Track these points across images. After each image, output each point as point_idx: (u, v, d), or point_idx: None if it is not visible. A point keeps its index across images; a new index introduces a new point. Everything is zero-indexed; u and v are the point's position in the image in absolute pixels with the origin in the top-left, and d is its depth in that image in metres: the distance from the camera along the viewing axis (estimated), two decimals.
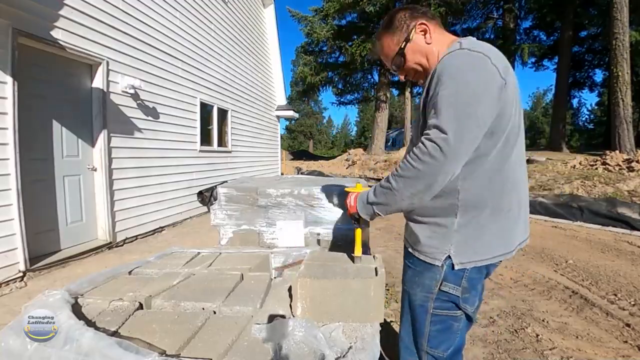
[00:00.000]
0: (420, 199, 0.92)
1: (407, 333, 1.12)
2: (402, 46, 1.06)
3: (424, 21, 1.05)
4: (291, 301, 1.14)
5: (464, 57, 0.91)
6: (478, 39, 1.03)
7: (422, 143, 0.87)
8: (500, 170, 0.95)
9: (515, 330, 2.36)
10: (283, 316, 1.05)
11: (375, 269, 1.17)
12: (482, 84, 0.87)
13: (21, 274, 3.13)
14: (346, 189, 1.19)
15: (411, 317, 1.09)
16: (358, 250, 1.24)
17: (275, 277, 1.43)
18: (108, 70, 4.17)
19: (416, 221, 1.05)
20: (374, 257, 1.31)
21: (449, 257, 0.98)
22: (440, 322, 1.03)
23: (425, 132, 0.89)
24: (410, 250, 1.09)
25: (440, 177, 0.87)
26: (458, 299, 1.01)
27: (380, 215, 1.02)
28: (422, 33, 1.05)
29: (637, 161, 8.54)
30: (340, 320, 1.06)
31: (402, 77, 1.15)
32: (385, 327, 1.97)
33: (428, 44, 1.05)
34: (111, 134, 4.24)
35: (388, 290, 2.35)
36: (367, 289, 1.07)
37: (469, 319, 1.06)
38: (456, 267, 0.98)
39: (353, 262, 1.25)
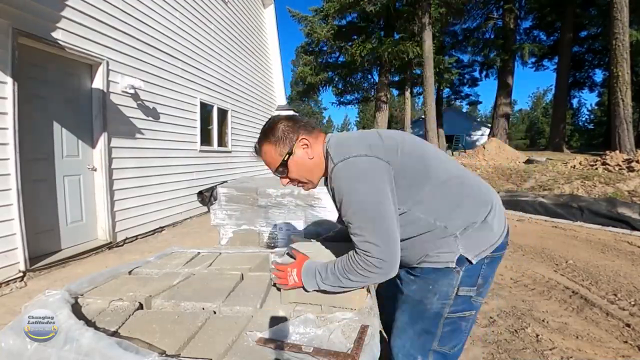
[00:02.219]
0: (365, 284, 1.05)
1: (411, 341, 1.12)
2: (285, 159, 1.10)
3: (305, 137, 1.11)
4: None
5: (342, 172, 1.00)
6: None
7: (364, 257, 0.95)
8: (450, 194, 1.06)
9: (515, 330, 2.36)
10: (284, 317, 1.05)
11: None
12: (373, 185, 0.97)
13: (21, 274, 3.13)
14: (273, 262, 1.21)
15: (422, 325, 1.10)
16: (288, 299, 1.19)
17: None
18: (108, 70, 4.17)
19: (424, 262, 1.09)
20: None
21: (462, 255, 1.03)
22: (451, 323, 1.08)
23: (359, 247, 0.96)
24: (417, 265, 1.10)
25: (389, 275, 0.98)
26: (471, 299, 1.07)
27: (331, 293, 1.07)
28: (304, 147, 1.11)
29: (637, 161, 8.54)
30: (324, 304, 1.07)
31: (284, 183, 1.18)
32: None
33: (310, 158, 1.12)
34: (111, 134, 4.24)
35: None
36: None
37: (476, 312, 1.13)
38: (474, 261, 1.03)
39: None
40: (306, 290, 1.09)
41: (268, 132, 1.13)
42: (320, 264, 1.08)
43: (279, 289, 1.17)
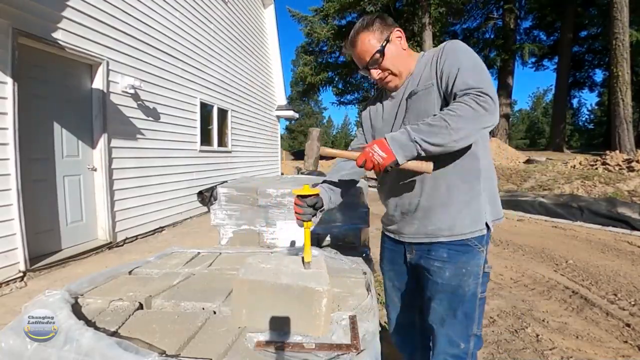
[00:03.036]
0: (468, 141, 0.98)
1: (454, 328, 1.13)
2: (384, 44, 1.13)
3: (399, 29, 1.17)
4: None
5: (463, 43, 1.10)
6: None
7: (479, 94, 0.95)
8: (489, 148, 1.19)
9: (515, 330, 2.36)
10: (284, 317, 1.05)
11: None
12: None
13: (21, 274, 3.13)
14: (301, 189, 1.12)
15: (463, 309, 1.12)
16: (308, 255, 1.10)
17: None
18: (108, 70, 4.17)
19: (452, 204, 1.11)
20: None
21: (486, 223, 1.12)
22: (482, 303, 1.16)
23: (478, 86, 0.96)
24: (443, 239, 1.11)
25: (489, 123, 0.97)
26: (488, 275, 1.16)
27: (423, 154, 0.96)
28: (399, 39, 1.17)
29: (637, 161, 8.54)
30: (283, 330, 0.94)
31: (375, 75, 1.17)
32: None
33: (404, 49, 1.17)
34: (111, 134, 4.24)
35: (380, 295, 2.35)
36: (309, 305, 0.94)
37: None
38: (491, 227, 1.13)
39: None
40: (396, 166, 0.96)
41: (367, 24, 1.15)
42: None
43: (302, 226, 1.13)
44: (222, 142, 7.59)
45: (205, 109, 6.82)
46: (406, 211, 1.18)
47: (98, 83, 4.09)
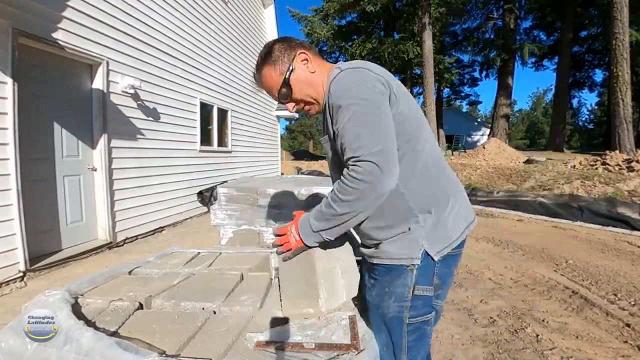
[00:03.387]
0: (367, 214, 0.93)
1: (386, 352, 1.05)
2: (287, 76, 1.03)
3: (303, 50, 1.06)
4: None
5: (348, 76, 0.93)
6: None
7: (356, 165, 0.86)
8: (428, 165, 1.00)
9: (515, 330, 2.36)
10: (285, 317, 1.05)
11: None
12: (375, 94, 0.90)
13: (21, 274, 3.13)
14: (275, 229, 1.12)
15: (388, 333, 1.03)
16: None
17: (275, 277, 1.43)
18: (108, 70, 4.17)
19: (381, 242, 1.03)
20: None
21: (425, 251, 0.97)
22: (415, 330, 1.01)
23: (352, 156, 0.87)
24: (378, 261, 1.03)
25: (382, 191, 0.86)
26: (431, 299, 1.01)
27: (330, 239, 0.97)
28: (304, 62, 1.06)
29: (637, 161, 8.54)
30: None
31: (291, 109, 1.11)
32: None
33: (312, 72, 1.06)
34: (111, 134, 4.24)
35: None
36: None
37: (437, 313, 1.08)
38: (436, 258, 0.97)
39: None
40: (308, 247, 1.00)
41: (265, 55, 1.07)
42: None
43: (285, 260, 1.08)
44: (222, 142, 7.59)
45: (205, 109, 6.82)
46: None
47: (98, 83, 4.09)
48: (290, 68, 1.04)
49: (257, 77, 1.11)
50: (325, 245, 1.05)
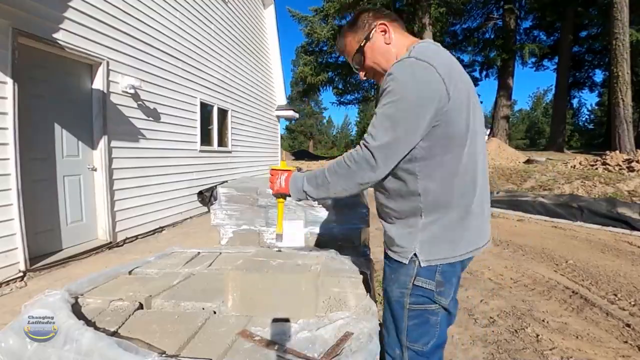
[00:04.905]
0: (349, 194, 1.04)
1: (388, 331, 1.15)
2: (362, 44, 1.10)
3: (384, 22, 1.09)
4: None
5: (408, 67, 0.94)
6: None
7: (359, 146, 0.97)
8: (457, 173, 0.99)
9: (515, 330, 2.36)
10: (285, 318, 1.05)
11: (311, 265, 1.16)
12: (421, 97, 0.91)
13: (21, 274, 3.13)
14: (272, 166, 1.23)
15: (390, 314, 1.12)
16: (280, 227, 1.27)
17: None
18: (108, 70, 4.17)
19: (389, 222, 1.12)
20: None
21: (415, 255, 1.02)
22: (417, 316, 1.06)
23: (364, 136, 0.96)
24: (387, 251, 1.15)
25: (367, 179, 0.97)
26: (432, 293, 1.03)
27: (308, 200, 1.13)
28: (382, 33, 1.09)
29: (637, 161, 8.55)
30: (271, 314, 1.05)
31: (362, 76, 1.17)
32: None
33: (387, 44, 1.09)
34: (111, 134, 4.24)
35: (380, 295, 2.37)
36: (297, 284, 1.05)
37: (449, 313, 1.08)
38: (422, 265, 1.01)
39: (276, 240, 1.31)
40: (287, 196, 1.16)
41: (350, 22, 1.13)
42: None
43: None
44: (222, 142, 7.59)
45: (206, 109, 6.82)
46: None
47: (98, 83, 4.09)
48: (368, 37, 1.09)
49: (339, 42, 1.18)
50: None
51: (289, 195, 1.16)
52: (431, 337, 1.07)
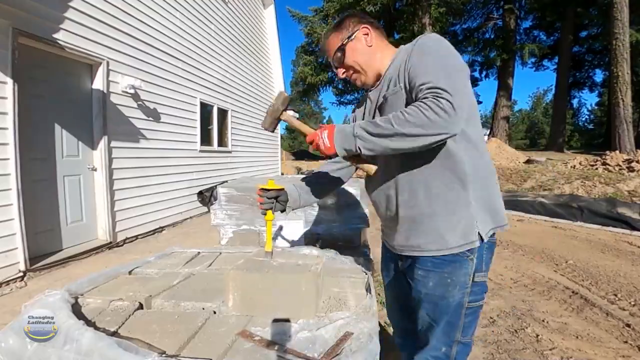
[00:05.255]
0: (415, 147, 0.89)
1: (437, 336, 1.12)
2: (344, 42, 1.13)
3: (367, 26, 1.14)
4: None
5: (437, 37, 1.01)
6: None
7: (436, 96, 0.85)
8: (484, 150, 1.07)
9: (515, 331, 2.36)
10: (285, 318, 1.05)
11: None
12: (465, 68, 0.98)
13: (21, 274, 3.13)
14: (260, 185, 1.23)
15: (447, 318, 1.09)
16: (269, 246, 1.21)
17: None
18: (108, 70, 4.17)
19: (431, 216, 1.03)
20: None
21: (479, 234, 1.01)
22: (472, 313, 1.10)
23: (435, 86, 0.86)
24: (429, 255, 1.06)
25: (444, 131, 0.86)
26: (486, 284, 1.09)
27: (360, 150, 0.93)
28: (365, 35, 1.14)
29: (637, 161, 8.55)
30: (271, 314, 1.05)
31: (340, 74, 1.19)
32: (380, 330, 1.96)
33: (369, 46, 1.14)
34: (111, 134, 4.24)
35: (379, 295, 2.37)
36: (297, 284, 1.05)
37: None
38: (485, 239, 1.02)
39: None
40: (334, 155, 0.98)
41: (335, 24, 1.19)
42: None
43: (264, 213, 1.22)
44: (222, 142, 7.59)
45: (205, 109, 6.82)
46: (389, 219, 1.17)
47: (98, 83, 4.09)
48: (350, 36, 1.13)
49: (323, 41, 1.23)
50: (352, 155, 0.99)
51: (336, 155, 0.98)
52: (476, 325, 1.14)
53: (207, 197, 6.32)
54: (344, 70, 1.18)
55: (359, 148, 0.93)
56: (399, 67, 1.05)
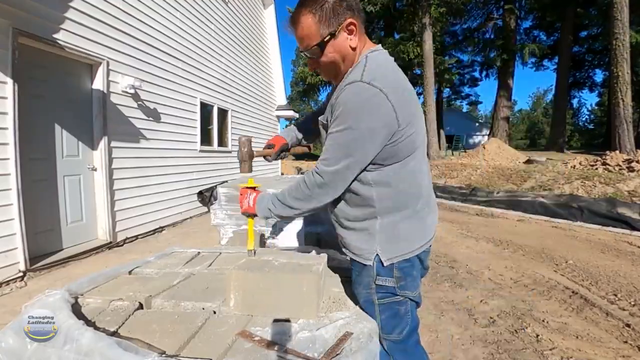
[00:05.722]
0: (311, 212, 1.11)
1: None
2: (325, 39, 0.97)
3: (354, 21, 0.98)
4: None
5: (361, 94, 0.93)
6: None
7: (313, 173, 1.03)
8: (405, 179, 1.06)
9: (515, 330, 2.36)
10: (285, 318, 1.05)
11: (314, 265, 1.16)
12: (372, 128, 0.94)
13: (21, 274, 3.13)
14: (240, 185, 1.25)
15: (364, 313, 1.14)
16: (251, 244, 1.29)
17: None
18: (108, 70, 4.17)
19: (346, 228, 1.15)
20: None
21: (378, 255, 1.07)
22: (387, 309, 1.10)
23: (318, 162, 1.03)
24: (348, 255, 1.17)
25: (324, 200, 1.05)
26: (394, 288, 1.08)
27: (277, 219, 1.20)
28: (349, 33, 0.99)
29: (637, 161, 8.54)
30: (272, 314, 1.06)
31: (310, 68, 1.12)
32: None
33: (352, 47, 1.01)
34: (111, 134, 4.24)
35: None
36: (299, 284, 1.06)
37: (415, 301, 1.13)
38: (385, 264, 1.06)
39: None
40: (254, 216, 1.21)
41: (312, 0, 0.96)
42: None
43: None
44: (222, 142, 7.59)
45: (206, 109, 6.82)
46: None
47: (98, 83, 4.09)
48: (334, 34, 0.97)
49: (292, 18, 1.02)
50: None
51: (256, 215, 1.20)
52: (404, 326, 1.11)
53: (207, 197, 6.32)
54: (316, 67, 1.08)
55: (273, 216, 1.16)
56: (333, 103, 1.02)
